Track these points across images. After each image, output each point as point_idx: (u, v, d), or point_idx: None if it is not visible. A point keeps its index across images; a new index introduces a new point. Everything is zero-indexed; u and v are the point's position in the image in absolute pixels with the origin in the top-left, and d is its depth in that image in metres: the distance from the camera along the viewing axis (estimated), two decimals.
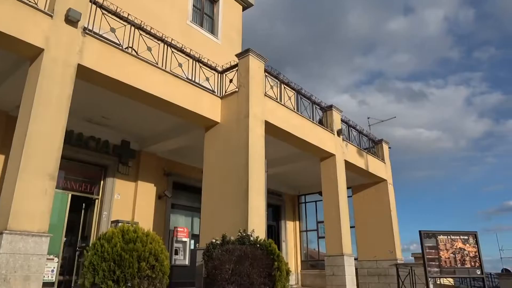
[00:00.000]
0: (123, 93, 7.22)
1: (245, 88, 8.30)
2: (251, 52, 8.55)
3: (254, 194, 7.55)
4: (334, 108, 11.43)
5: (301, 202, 15.94)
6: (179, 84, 7.81)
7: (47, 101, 5.61)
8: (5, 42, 5.59)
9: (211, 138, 8.61)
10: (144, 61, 7.26)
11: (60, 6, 6.07)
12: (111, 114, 8.69)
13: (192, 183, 10.97)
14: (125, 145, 9.89)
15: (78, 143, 8.98)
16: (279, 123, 8.93)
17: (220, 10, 14.29)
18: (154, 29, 7.96)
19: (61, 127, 5.70)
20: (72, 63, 6.05)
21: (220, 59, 11.17)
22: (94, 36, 6.50)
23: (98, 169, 9.61)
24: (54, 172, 5.44)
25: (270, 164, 9.17)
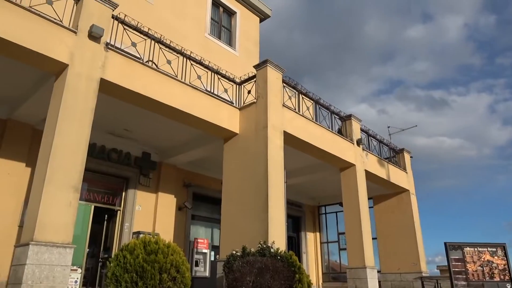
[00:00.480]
0: (144, 106, 7.36)
1: (263, 99, 8.33)
2: (269, 63, 8.60)
3: (273, 205, 7.51)
4: (353, 117, 11.33)
5: (321, 213, 15.74)
6: (198, 96, 7.90)
7: (71, 115, 5.77)
8: (32, 58, 5.79)
9: (230, 149, 8.65)
10: (164, 74, 7.39)
11: (84, 22, 6.27)
12: (132, 126, 8.85)
13: (211, 194, 11.01)
14: (146, 157, 10.03)
15: (101, 155, 9.17)
16: (298, 133, 8.90)
17: (237, 22, 14.47)
18: (173, 43, 8.11)
19: (84, 140, 5.83)
20: (95, 77, 6.21)
21: (238, 70, 11.28)
22: (116, 51, 6.67)
23: (120, 180, 9.76)
24: (78, 184, 5.55)
25: (290, 175, 9.12)
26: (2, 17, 5.38)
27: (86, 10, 6.39)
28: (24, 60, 5.91)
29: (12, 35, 5.42)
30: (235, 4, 14.65)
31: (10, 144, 7.70)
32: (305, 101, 9.92)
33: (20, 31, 5.51)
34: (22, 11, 5.62)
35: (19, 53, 5.66)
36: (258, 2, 15.40)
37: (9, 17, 5.45)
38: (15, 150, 7.72)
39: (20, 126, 7.89)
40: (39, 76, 6.55)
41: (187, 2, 12.64)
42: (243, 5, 14.93)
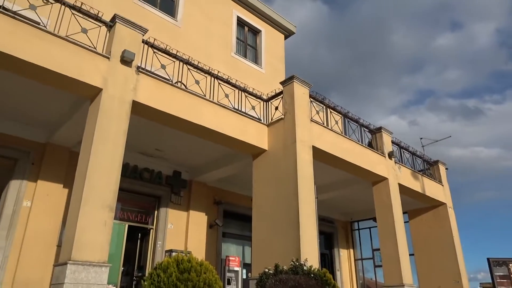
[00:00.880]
0: (174, 126, 7.52)
1: (291, 115, 8.33)
2: (295, 79, 8.62)
3: (305, 221, 7.40)
4: (384, 130, 11.10)
5: (354, 228, 15.34)
6: (226, 114, 8.01)
7: (106, 136, 5.98)
8: (69, 84, 6.09)
9: (259, 165, 8.65)
10: (193, 94, 7.55)
11: (116, 48, 6.55)
12: (163, 146, 9.05)
13: (242, 211, 11.00)
14: (176, 176, 10.20)
15: (134, 175, 9.40)
16: (327, 148, 8.80)
17: (262, 40, 14.68)
18: (201, 63, 8.30)
19: (118, 161, 6.01)
20: (127, 100, 6.44)
21: (264, 87, 11.37)
22: (146, 74, 6.91)
23: (152, 199, 9.95)
24: (112, 204, 5.70)
25: (320, 190, 8.99)
26: (43, 47, 5.71)
27: (118, 36, 6.68)
28: (61, 86, 6.21)
29: (51, 63, 5.73)
30: (260, 23, 14.90)
31: (49, 167, 8.04)
32: (333, 115, 9.84)
33: (58, 59, 5.82)
34: (60, 41, 5.94)
35: (57, 80, 5.96)
36: (282, 19, 15.60)
37: (48, 46, 5.78)
38: (53, 172, 8.05)
39: (58, 149, 8.25)
40: (75, 100, 6.86)
41: (213, 23, 12.97)
42: (268, 23, 15.15)
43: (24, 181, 7.75)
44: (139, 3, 11.01)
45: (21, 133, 7.93)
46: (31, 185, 7.80)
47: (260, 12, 14.80)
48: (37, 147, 8.09)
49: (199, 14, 12.62)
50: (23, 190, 7.69)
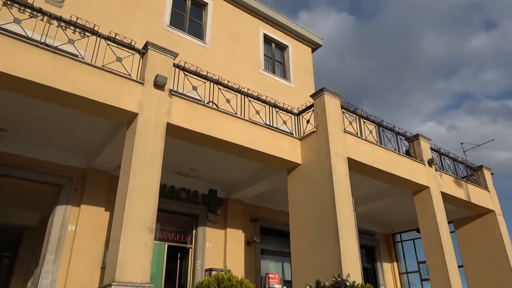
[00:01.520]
0: (207, 145, 7.64)
1: (323, 127, 8.24)
2: (325, 91, 8.57)
3: (344, 235, 7.21)
4: (421, 137, 10.73)
5: (397, 241, 14.77)
6: (258, 131, 8.05)
7: (143, 159, 6.15)
8: (107, 111, 6.36)
9: (294, 180, 8.58)
10: (225, 113, 7.66)
11: (149, 73, 6.80)
12: (198, 165, 9.19)
13: (279, 227, 10.89)
14: (212, 194, 10.30)
15: (171, 195, 9.58)
16: (363, 159, 8.60)
17: (290, 55, 14.76)
18: (231, 82, 8.44)
19: (156, 182, 6.15)
20: (162, 122, 6.62)
21: (295, 101, 11.36)
22: (179, 96, 7.10)
23: (189, 219, 10.07)
24: (152, 225, 5.82)
25: (358, 202, 8.77)
26: (81, 78, 6.02)
27: (150, 62, 6.94)
28: (100, 114, 6.50)
29: (89, 92, 6.02)
30: (286, 38, 15.02)
31: (91, 191, 8.35)
32: (366, 125, 9.65)
33: (96, 88, 6.11)
34: (97, 71, 6.25)
35: (96, 107, 6.25)
36: (308, 33, 15.65)
37: (87, 77, 6.08)
38: (95, 197, 8.35)
39: (99, 173, 8.57)
40: (113, 126, 7.15)
41: (240, 42, 13.22)
42: (294, 38, 15.25)
43: (68, 206, 8.09)
44: (168, 29, 11.43)
45: (65, 160, 8.33)
46: (75, 209, 8.12)
47: (286, 28, 14.94)
48: (79, 172, 8.45)
49: (226, 35, 12.92)
50: (67, 215, 8.02)
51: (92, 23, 6.92)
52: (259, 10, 14.12)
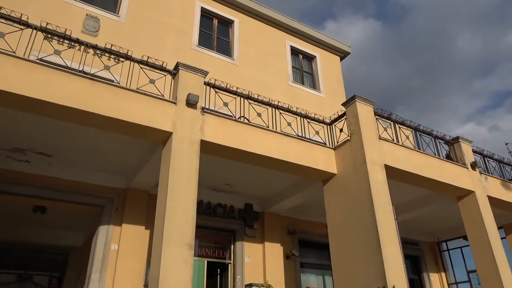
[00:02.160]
0: (241, 159, 7.68)
1: (357, 135, 8.09)
2: (357, 98, 8.43)
3: (386, 245, 6.96)
4: (461, 139, 10.28)
5: (443, 249, 14.08)
6: (291, 143, 8.01)
7: (180, 177, 6.27)
8: (143, 132, 6.56)
9: (330, 190, 8.43)
10: (256, 127, 7.70)
11: (181, 93, 6.97)
12: (233, 180, 9.25)
13: (317, 239, 10.70)
14: (248, 208, 10.30)
15: (208, 211, 9.67)
16: (400, 165, 8.34)
17: (318, 65, 14.71)
18: (261, 96, 8.49)
19: (193, 199, 6.23)
20: (195, 140, 6.74)
21: (326, 111, 11.28)
22: (211, 113, 7.22)
23: (227, 234, 10.09)
24: (191, 241, 5.88)
25: (399, 210, 8.49)
26: (118, 101, 6.26)
27: (182, 81, 7.13)
28: (136, 135, 6.71)
29: (126, 115, 6.25)
30: (314, 48, 15.01)
31: (131, 210, 8.58)
32: (402, 130, 9.37)
33: (131, 110, 6.33)
34: (132, 93, 6.48)
35: (132, 129, 6.46)
36: (335, 42, 15.57)
37: (123, 100, 6.32)
38: (135, 215, 8.57)
39: (138, 193, 8.81)
40: (149, 146, 7.35)
41: (267, 56, 13.34)
42: (322, 48, 15.21)
43: (110, 226, 8.34)
44: (197, 48, 11.74)
45: (105, 182, 8.64)
46: (116, 229, 8.36)
47: (312, 39, 14.94)
48: (119, 193, 8.72)
49: (253, 50, 13.09)
50: (110, 235, 8.27)
51: (125, 49, 7.22)
52: (284, 23, 14.23)
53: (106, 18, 10.35)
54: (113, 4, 11.00)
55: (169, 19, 11.65)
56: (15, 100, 5.64)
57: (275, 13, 14.12)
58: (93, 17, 10.11)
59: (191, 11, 12.30)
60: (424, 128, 9.82)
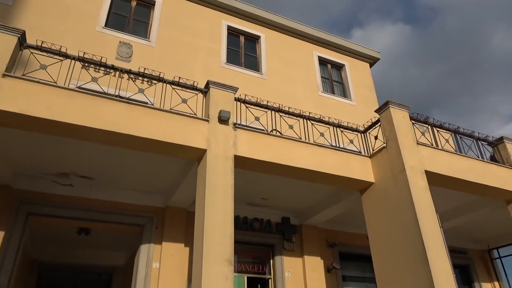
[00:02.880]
0: (276, 173, 7.64)
1: (393, 142, 7.86)
2: (390, 103, 8.23)
3: (433, 255, 6.64)
4: (506, 139, 9.75)
5: (495, 257, 13.24)
6: (325, 153, 7.90)
7: (216, 193, 6.31)
8: (178, 150, 6.69)
9: (369, 200, 8.20)
10: (289, 139, 7.67)
11: (213, 110, 7.09)
12: (268, 194, 9.21)
13: (359, 251, 10.38)
14: (285, 222, 10.19)
15: (245, 226, 9.65)
16: (442, 170, 7.99)
17: (347, 73, 14.55)
18: (291, 108, 8.48)
19: (230, 215, 6.25)
20: (229, 155, 6.79)
21: (358, 119, 11.08)
22: (243, 128, 7.27)
23: (265, 249, 10.00)
24: (230, 257, 5.87)
25: (443, 218, 8.10)
26: (152, 122, 6.44)
27: (213, 99, 7.25)
28: (172, 154, 6.85)
29: (161, 135, 6.41)
30: (342, 57, 14.88)
31: (170, 229, 8.70)
32: (441, 133, 9.02)
33: (166, 130, 6.49)
34: (165, 114, 6.65)
35: (168, 148, 6.61)
36: (363, 48, 15.38)
37: (157, 121, 6.50)
38: (174, 233, 8.68)
39: (176, 211, 8.93)
40: (184, 164, 7.48)
41: (295, 68, 13.36)
42: (350, 56, 15.06)
43: (151, 245, 8.49)
44: (226, 66, 11.95)
45: (144, 201, 8.84)
46: (157, 247, 8.49)
47: (340, 47, 14.84)
48: (158, 211, 8.89)
49: (281, 63, 13.16)
50: (151, 253, 8.41)
51: (157, 71, 7.46)
52: (310, 34, 14.25)
53: (138, 44, 10.77)
54: (144, 30, 11.46)
55: (197, 39, 11.97)
56: (58, 127, 5.93)
57: (300, 25, 14.18)
58: (126, 43, 10.56)
59: (218, 30, 12.59)
60: (465, 130, 9.40)
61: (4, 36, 6.08)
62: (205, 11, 12.74)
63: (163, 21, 11.69)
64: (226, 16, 13.04)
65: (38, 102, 5.79)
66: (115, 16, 11.22)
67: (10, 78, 5.81)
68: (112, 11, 11.21)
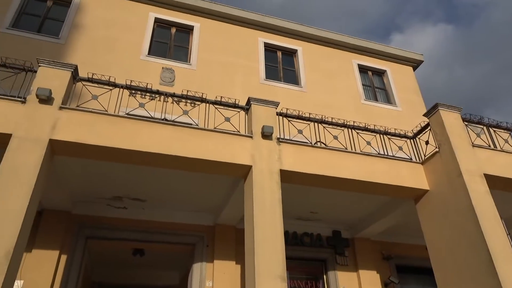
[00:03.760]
0: (322, 185, 7.49)
1: (446, 145, 7.46)
2: (440, 106, 7.85)
3: (501, 264, 6.12)
4: None
5: None
6: (373, 162, 7.65)
7: (264, 209, 6.28)
8: (224, 169, 6.77)
9: (424, 209, 7.78)
10: (334, 150, 7.52)
11: (255, 126, 7.13)
12: (317, 207, 9.03)
13: (418, 263, 9.83)
14: (336, 235, 9.91)
15: (294, 241, 9.48)
16: (504, 173, 7.44)
17: (390, 79, 14.14)
18: (334, 118, 8.33)
19: (279, 230, 6.17)
20: (275, 170, 6.76)
21: (405, 124, 10.68)
22: (287, 142, 7.23)
23: (317, 264, 9.76)
24: (283, 273, 5.76)
25: (510, 224, 7.49)
26: (198, 142, 6.58)
27: (255, 115, 7.30)
28: (218, 172, 6.93)
29: (207, 154, 6.52)
30: (382, 63, 14.52)
31: (221, 247, 8.76)
32: (498, 134, 8.44)
33: (212, 149, 6.60)
34: (210, 133, 6.78)
35: (214, 167, 6.70)
36: (405, 52, 14.92)
37: (202, 141, 6.63)
38: (225, 251, 8.71)
39: (225, 229, 8.99)
40: (231, 182, 7.54)
41: (335, 79, 13.19)
42: (391, 61, 14.66)
43: (203, 263, 8.57)
44: (265, 82, 12.05)
45: (194, 220, 8.99)
46: (209, 266, 8.56)
47: (379, 53, 14.51)
48: (208, 230, 8.99)
49: (320, 75, 13.06)
50: (204, 272, 8.48)
51: (199, 92, 7.66)
52: (348, 43, 14.07)
53: (179, 68, 11.18)
54: (185, 54, 11.89)
55: (236, 59, 12.21)
56: (111, 153, 6.23)
57: (337, 35, 14.06)
58: (168, 68, 11.00)
59: (255, 48, 12.78)
60: None
61: (59, 72, 6.55)
62: (241, 31, 13.01)
63: (201, 44, 12.07)
64: (262, 34, 13.22)
65: (91, 130, 6.13)
66: (157, 44, 11.76)
67: (66, 110, 6.22)
68: (154, 40, 11.76)
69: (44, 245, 7.66)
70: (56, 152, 6.09)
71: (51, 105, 6.14)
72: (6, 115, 5.84)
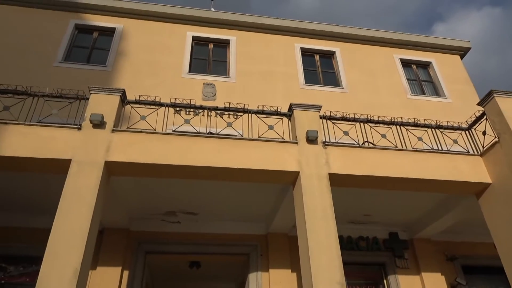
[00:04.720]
0: (374, 186, 7.24)
1: (507, 134, 6.95)
2: (495, 92, 7.36)
3: None
4: None
5: None
6: (426, 158, 7.29)
7: (315, 214, 6.17)
8: (273, 176, 6.75)
9: (488, 203, 7.26)
10: (383, 149, 7.26)
11: (299, 131, 7.07)
12: (371, 210, 8.74)
13: (486, 262, 9.18)
14: (393, 237, 9.51)
15: (350, 246, 9.23)
16: None
17: (436, 70, 13.52)
18: (380, 117, 8.06)
19: (334, 235, 6.02)
20: (323, 174, 6.64)
21: (457, 116, 10.14)
22: (333, 145, 7.09)
23: (375, 268, 9.41)
24: (342, 279, 5.61)
25: None
26: (243, 153, 6.63)
27: (298, 121, 7.25)
28: (267, 181, 6.92)
29: (254, 164, 6.53)
30: (426, 55, 13.93)
31: (275, 255, 8.70)
32: None
33: (258, 158, 6.62)
34: (255, 143, 6.80)
35: (263, 176, 6.70)
36: (449, 41, 14.22)
37: (248, 151, 6.67)
38: (279, 260, 8.64)
39: (277, 237, 8.94)
40: (280, 189, 7.51)
41: (377, 76, 12.83)
42: (435, 51, 14.03)
43: (259, 273, 8.57)
44: (305, 87, 11.98)
45: (247, 230, 9.03)
46: (265, 275, 8.53)
47: (422, 45, 13.94)
48: (261, 239, 8.99)
49: (361, 73, 12.77)
50: (260, 281, 8.47)
51: (241, 104, 7.75)
52: (387, 38, 13.68)
53: (220, 82, 11.42)
54: (224, 69, 12.14)
55: (274, 66, 12.26)
56: (161, 170, 6.44)
57: (375, 32, 13.71)
58: (209, 83, 11.26)
59: (292, 54, 12.77)
60: None
61: (109, 97, 6.92)
62: (277, 38, 13.07)
63: (239, 56, 12.26)
64: (297, 39, 13.20)
65: (142, 149, 6.39)
66: (196, 61, 12.12)
67: (118, 132, 6.54)
68: (193, 57, 12.13)
69: (107, 262, 8.05)
70: (112, 172, 6.41)
71: (104, 129, 6.49)
72: (65, 142, 6.25)
